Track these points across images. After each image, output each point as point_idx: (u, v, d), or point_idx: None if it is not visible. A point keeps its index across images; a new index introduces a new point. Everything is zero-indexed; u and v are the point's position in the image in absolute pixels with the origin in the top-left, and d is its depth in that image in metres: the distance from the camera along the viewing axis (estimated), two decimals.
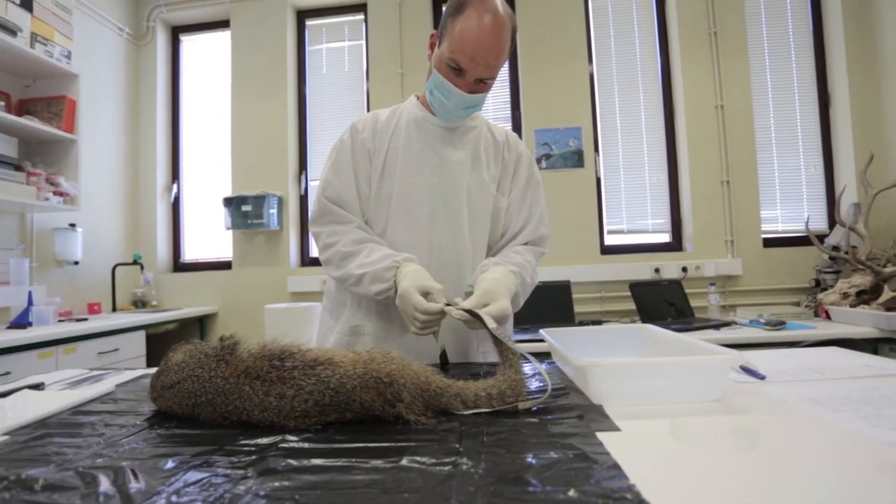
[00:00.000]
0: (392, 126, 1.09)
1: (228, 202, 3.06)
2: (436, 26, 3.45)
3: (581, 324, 2.66)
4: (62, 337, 2.03)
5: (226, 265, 3.22)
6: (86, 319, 2.42)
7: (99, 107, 2.93)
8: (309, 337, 1.96)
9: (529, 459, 0.47)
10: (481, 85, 0.99)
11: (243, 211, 3.01)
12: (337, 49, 3.29)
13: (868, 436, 0.50)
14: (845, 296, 2.38)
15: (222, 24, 3.37)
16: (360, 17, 3.24)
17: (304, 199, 3.26)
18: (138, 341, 2.48)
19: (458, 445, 0.52)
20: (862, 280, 2.36)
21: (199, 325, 3.09)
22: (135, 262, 3.00)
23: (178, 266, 3.38)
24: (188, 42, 3.52)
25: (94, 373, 1.01)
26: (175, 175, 3.42)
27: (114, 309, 2.93)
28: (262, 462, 0.50)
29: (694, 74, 2.94)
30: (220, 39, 3.41)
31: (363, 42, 3.22)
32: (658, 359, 0.69)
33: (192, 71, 3.50)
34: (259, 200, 3.00)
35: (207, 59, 3.47)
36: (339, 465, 0.48)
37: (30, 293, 2.20)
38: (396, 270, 0.93)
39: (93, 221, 2.84)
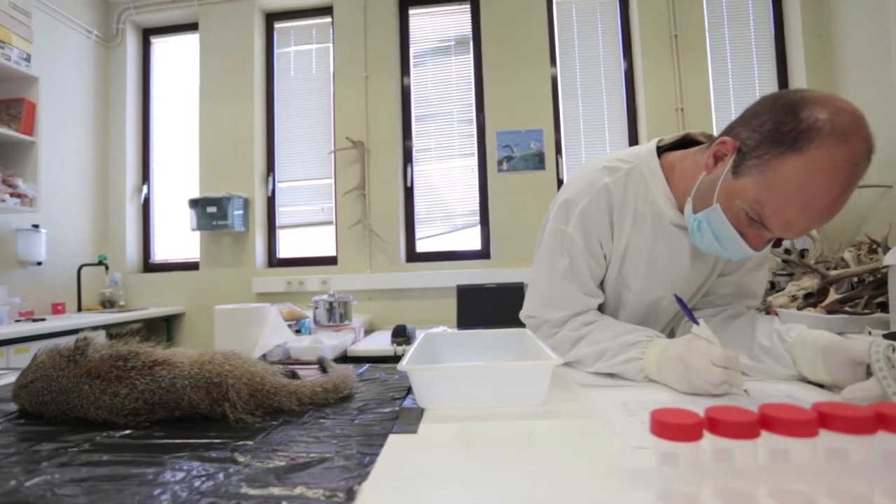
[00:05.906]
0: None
1: (194, 203, 3.09)
2: (402, 31, 3.55)
3: None
4: (14, 337, 2.06)
5: (194, 266, 3.25)
6: (44, 319, 2.45)
7: (65, 109, 2.96)
8: (256, 338, 2.00)
9: (297, 458, 0.50)
10: (773, 239, 0.74)
11: (209, 212, 3.04)
12: (305, 52, 3.32)
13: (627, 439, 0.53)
14: (794, 298, 2.41)
15: (192, 26, 3.40)
16: (328, 20, 3.27)
17: (270, 201, 3.29)
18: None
19: (250, 443, 0.55)
20: (810, 283, 2.39)
21: (166, 325, 3.13)
22: (100, 263, 3.03)
23: (149, 266, 3.41)
24: (161, 44, 3.55)
25: None
26: (146, 176, 3.45)
27: (79, 309, 2.97)
28: (63, 456, 0.53)
29: (655, 77, 2.97)
30: (192, 42, 3.44)
31: (330, 45, 3.25)
32: (478, 363, 0.72)
33: (164, 73, 3.53)
34: (224, 202, 3.03)
35: (180, 61, 3.50)
36: (127, 460, 0.51)
37: None
38: None
39: (58, 222, 2.86)
